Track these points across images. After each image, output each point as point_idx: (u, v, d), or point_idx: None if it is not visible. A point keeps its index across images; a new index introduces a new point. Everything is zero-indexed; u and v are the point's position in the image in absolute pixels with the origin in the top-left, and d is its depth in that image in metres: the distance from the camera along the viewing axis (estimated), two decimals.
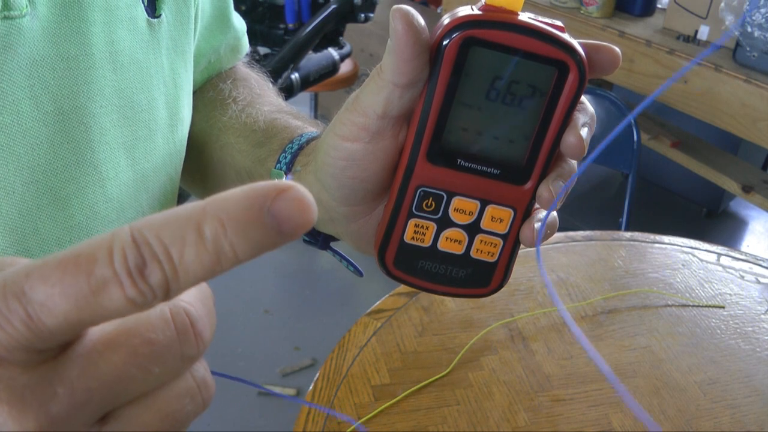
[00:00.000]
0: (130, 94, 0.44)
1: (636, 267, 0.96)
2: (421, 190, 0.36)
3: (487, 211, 0.37)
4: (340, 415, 0.68)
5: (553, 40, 0.33)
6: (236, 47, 0.63)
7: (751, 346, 0.84)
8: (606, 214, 2.36)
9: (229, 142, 0.53)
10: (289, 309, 1.97)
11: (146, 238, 0.19)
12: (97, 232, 0.43)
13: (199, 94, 0.59)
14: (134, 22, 0.44)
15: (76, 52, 0.40)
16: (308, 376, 1.72)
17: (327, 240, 0.47)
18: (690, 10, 1.72)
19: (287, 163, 0.45)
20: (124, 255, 0.19)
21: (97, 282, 0.19)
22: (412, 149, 0.35)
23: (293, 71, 1.79)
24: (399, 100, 0.34)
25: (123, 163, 0.44)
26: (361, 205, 0.39)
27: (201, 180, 0.59)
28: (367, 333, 0.81)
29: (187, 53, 0.51)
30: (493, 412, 0.72)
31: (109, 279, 0.19)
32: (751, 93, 1.50)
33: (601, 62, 0.35)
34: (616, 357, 0.80)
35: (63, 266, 0.20)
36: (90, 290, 0.20)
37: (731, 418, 0.74)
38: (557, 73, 0.33)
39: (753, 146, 1.74)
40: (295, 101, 2.18)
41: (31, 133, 0.38)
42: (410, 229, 0.37)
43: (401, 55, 0.32)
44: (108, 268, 0.19)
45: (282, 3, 1.82)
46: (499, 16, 0.32)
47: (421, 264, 0.38)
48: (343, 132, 0.35)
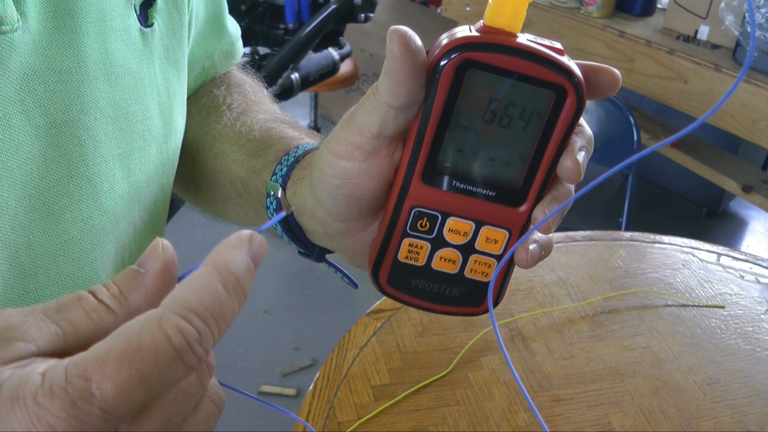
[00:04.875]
0: (125, 105, 0.43)
1: (636, 267, 0.96)
2: (416, 211, 0.36)
3: (482, 232, 0.37)
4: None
5: (552, 63, 0.32)
6: (231, 52, 0.62)
7: (751, 346, 0.84)
8: (606, 214, 2.36)
9: (223, 150, 0.52)
10: (289, 309, 1.97)
11: (193, 315, 0.23)
12: (91, 246, 0.42)
13: (193, 100, 0.59)
14: (127, 32, 0.43)
15: (69, 64, 0.39)
16: (308, 376, 1.72)
17: (322, 252, 0.47)
18: (690, 10, 1.71)
19: (283, 176, 0.44)
20: (180, 334, 0.23)
21: (165, 366, 0.23)
22: (407, 169, 0.35)
23: (293, 71, 1.79)
24: (394, 121, 0.33)
25: (118, 175, 0.44)
26: (356, 222, 0.38)
27: (194, 187, 0.58)
28: (367, 333, 0.81)
29: (180, 61, 0.51)
30: (493, 412, 0.72)
31: (174, 359, 0.23)
32: (751, 93, 1.50)
33: (601, 85, 0.34)
34: (616, 357, 0.80)
35: (127, 361, 0.22)
36: (159, 374, 0.23)
37: (731, 418, 0.74)
38: (555, 96, 0.33)
39: (753, 146, 1.74)
40: (295, 101, 2.18)
41: (24, 147, 0.37)
42: (404, 249, 0.37)
43: (397, 77, 0.32)
44: (171, 350, 0.23)
45: (282, 3, 1.82)
46: (497, 39, 0.32)
47: (415, 282, 0.38)
48: (337, 150, 0.35)
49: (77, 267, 0.42)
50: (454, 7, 2.04)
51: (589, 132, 0.36)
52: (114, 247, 0.45)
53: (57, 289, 0.41)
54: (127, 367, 0.22)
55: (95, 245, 0.43)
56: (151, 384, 0.23)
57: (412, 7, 2.87)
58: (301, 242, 0.46)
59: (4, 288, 0.38)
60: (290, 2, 1.82)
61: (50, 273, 0.40)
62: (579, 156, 0.34)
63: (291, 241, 0.46)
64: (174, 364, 0.23)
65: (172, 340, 0.23)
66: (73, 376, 0.22)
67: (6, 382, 0.22)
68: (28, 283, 0.39)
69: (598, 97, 0.35)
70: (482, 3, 1.97)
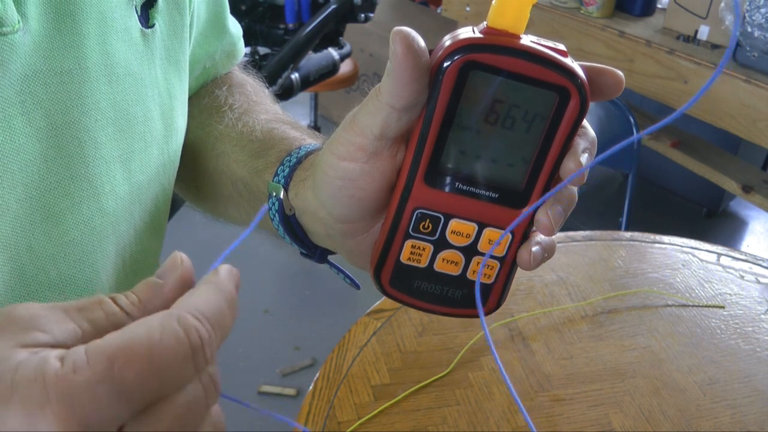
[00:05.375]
0: (126, 106, 0.43)
1: (636, 267, 0.96)
2: (419, 212, 0.36)
3: (485, 233, 0.37)
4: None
5: (555, 65, 0.32)
6: (232, 53, 0.62)
7: (751, 346, 0.84)
8: (606, 214, 2.36)
9: (225, 151, 0.52)
10: (289, 309, 1.97)
11: (205, 320, 0.25)
12: (92, 248, 0.42)
13: (194, 100, 0.58)
14: (128, 33, 0.43)
15: (70, 66, 0.39)
16: (308, 376, 1.72)
17: (324, 254, 0.47)
18: (690, 10, 1.71)
19: (285, 177, 0.44)
20: (196, 333, 0.25)
21: (180, 361, 0.24)
22: (409, 171, 0.35)
23: (293, 71, 1.79)
24: (397, 123, 0.33)
25: (119, 176, 0.43)
26: (358, 223, 0.38)
27: (196, 188, 0.58)
28: (367, 333, 0.81)
29: (181, 62, 0.50)
30: (493, 412, 0.72)
31: (188, 356, 0.24)
32: (751, 93, 1.50)
33: (604, 86, 0.34)
34: (616, 357, 0.80)
35: (148, 350, 0.24)
36: (175, 367, 0.24)
37: (731, 418, 0.74)
38: (558, 98, 0.33)
39: (753, 146, 1.74)
40: (295, 101, 2.18)
41: (24, 149, 0.37)
42: (407, 250, 0.37)
43: (400, 79, 0.32)
44: (188, 347, 0.24)
45: (282, 3, 1.82)
46: (500, 40, 0.32)
47: (417, 284, 0.38)
48: (340, 151, 0.35)
49: (78, 268, 0.42)
50: (454, 7, 2.04)
51: (593, 134, 0.36)
52: (115, 248, 0.45)
53: (58, 290, 0.41)
54: (147, 355, 0.23)
55: (96, 247, 0.42)
56: (166, 377, 0.24)
57: (412, 7, 2.87)
58: (303, 243, 0.46)
59: (4, 289, 0.38)
60: (290, 2, 1.82)
61: (51, 274, 0.40)
62: (582, 158, 0.34)
63: (293, 242, 0.46)
64: (187, 361, 0.24)
65: (189, 338, 0.24)
66: (94, 359, 0.23)
67: (23, 362, 0.23)
68: (29, 285, 0.39)
69: (601, 99, 0.35)
70: (482, 3, 1.97)
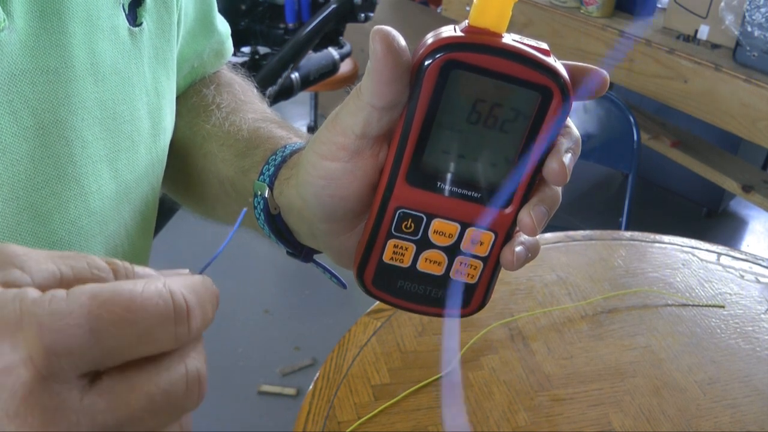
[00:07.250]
0: (113, 105, 0.43)
1: (636, 267, 0.96)
2: (401, 212, 0.36)
3: (467, 233, 0.36)
4: None
5: (537, 64, 0.32)
6: (220, 51, 0.62)
7: (751, 346, 0.84)
8: (606, 214, 2.36)
9: (212, 150, 0.52)
10: (289, 309, 1.97)
11: (194, 294, 0.25)
12: (80, 247, 0.42)
13: (182, 99, 0.58)
14: (116, 31, 0.43)
15: (57, 64, 0.39)
16: (308, 376, 1.72)
17: (310, 253, 0.46)
18: (690, 9, 1.71)
19: (270, 176, 0.44)
20: (182, 299, 0.24)
21: (160, 319, 0.23)
22: (391, 170, 0.35)
23: (293, 71, 1.79)
24: (378, 122, 0.33)
25: (106, 175, 0.43)
26: (342, 222, 0.38)
27: (184, 187, 0.58)
28: (367, 333, 0.81)
29: (169, 61, 0.50)
30: (493, 411, 0.72)
31: (170, 318, 0.24)
32: (751, 93, 1.50)
33: (588, 85, 0.34)
34: (616, 357, 0.80)
35: (129, 298, 0.23)
36: (154, 323, 0.23)
37: (731, 417, 0.74)
38: (540, 97, 0.32)
39: (753, 146, 1.74)
40: (295, 101, 2.17)
41: (11, 148, 0.37)
42: (389, 250, 0.37)
43: (380, 78, 0.31)
44: (170, 308, 0.24)
45: (282, 3, 1.82)
46: (482, 39, 0.32)
47: (400, 284, 0.38)
48: (322, 151, 0.35)
49: None
50: (454, 6, 2.04)
51: (576, 133, 0.35)
52: (104, 248, 0.44)
53: None
54: (128, 302, 0.22)
55: (83, 246, 0.42)
56: (142, 330, 0.23)
57: (412, 6, 2.87)
58: (288, 242, 0.45)
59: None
60: (290, 2, 1.82)
61: None
62: (565, 158, 0.34)
63: (278, 241, 0.45)
64: (168, 322, 0.23)
65: (174, 299, 0.24)
66: (74, 294, 0.22)
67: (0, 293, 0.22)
68: None
69: (586, 98, 0.34)
70: None
